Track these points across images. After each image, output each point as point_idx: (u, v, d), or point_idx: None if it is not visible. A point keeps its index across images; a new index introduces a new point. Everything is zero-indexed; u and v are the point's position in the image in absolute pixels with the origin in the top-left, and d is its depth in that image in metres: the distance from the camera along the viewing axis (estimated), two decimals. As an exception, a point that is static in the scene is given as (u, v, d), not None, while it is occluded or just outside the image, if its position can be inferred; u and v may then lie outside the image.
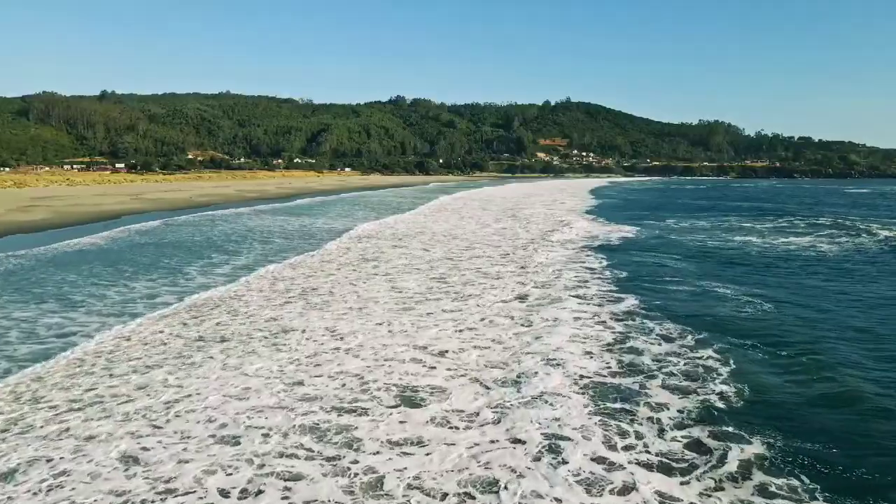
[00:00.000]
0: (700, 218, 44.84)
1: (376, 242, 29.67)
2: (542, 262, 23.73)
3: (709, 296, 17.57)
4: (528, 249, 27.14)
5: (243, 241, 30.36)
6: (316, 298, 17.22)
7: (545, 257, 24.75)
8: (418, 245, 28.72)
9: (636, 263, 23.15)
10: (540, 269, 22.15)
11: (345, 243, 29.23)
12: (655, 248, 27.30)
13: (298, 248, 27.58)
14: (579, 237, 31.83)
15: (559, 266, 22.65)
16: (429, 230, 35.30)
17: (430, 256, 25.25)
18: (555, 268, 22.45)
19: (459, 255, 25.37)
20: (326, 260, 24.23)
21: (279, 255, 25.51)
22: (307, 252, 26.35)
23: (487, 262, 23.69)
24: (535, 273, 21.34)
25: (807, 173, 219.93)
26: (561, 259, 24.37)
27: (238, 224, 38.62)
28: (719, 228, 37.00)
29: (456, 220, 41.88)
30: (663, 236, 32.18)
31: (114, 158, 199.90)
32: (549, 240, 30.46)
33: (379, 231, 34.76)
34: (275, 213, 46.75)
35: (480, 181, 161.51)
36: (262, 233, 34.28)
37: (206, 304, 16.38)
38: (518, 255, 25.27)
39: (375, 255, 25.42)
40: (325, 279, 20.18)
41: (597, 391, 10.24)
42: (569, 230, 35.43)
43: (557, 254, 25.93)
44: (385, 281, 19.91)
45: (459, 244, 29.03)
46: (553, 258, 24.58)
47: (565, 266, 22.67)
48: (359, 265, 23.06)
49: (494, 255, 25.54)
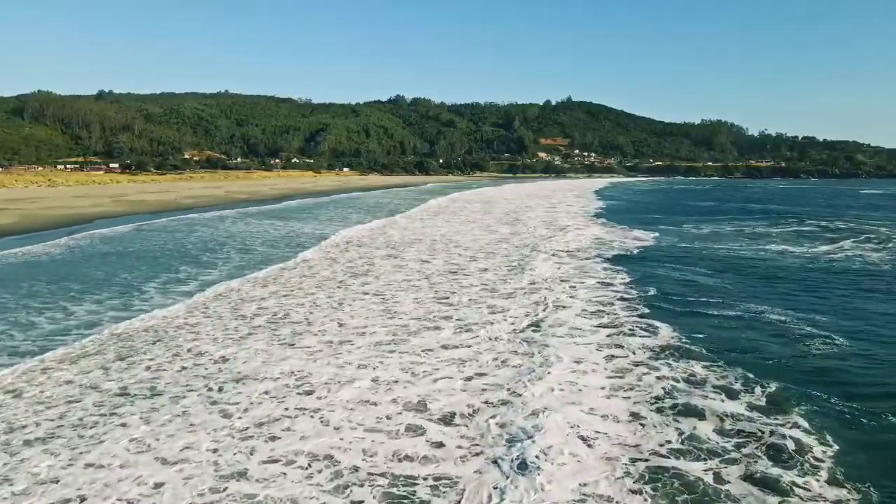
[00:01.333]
0: (718, 222, 41.81)
1: (367, 251, 26.65)
2: (553, 276, 20.75)
3: (761, 324, 14.56)
4: (537, 260, 24.14)
5: (220, 250, 27.36)
6: (286, 328, 14.20)
7: (557, 270, 21.75)
8: (414, 255, 25.70)
9: (662, 279, 20.15)
10: (552, 284, 19.16)
11: (331, 253, 26.20)
12: (680, 260, 24.28)
13: (280, 258, 24.57)
14: (592, 245, 28.83)
15: (574, 282, 19.66)
16: (427, 237, 32.29)
17: (428, 269, 22.24)
18: (569, 283, 19.48)
19: (462, 268, 22.35)
20: (308, 274, 21.20)
21: (258, 267, 22.50)
22: (288, 263, 23.35)
23: (493, 276, 20.69)
24: (547, 290, 18.37)
25: (813, 173, 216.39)
26: (574, 272, 21.40)
27: (219, 229, 35.61)
28: (743, 235, 33.97)
29: (457, 225, 38.87)
30: (685, 244, 29.17)
31: (108, 158, 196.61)
32: (560, 248, 27.44)
33: (372, 238, 31.76)
34: (262, 217, 43.75)
35: (482, 181, 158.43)
36: (244, 239, 31.28)
37: (144, 336, 13.37)
38: (527, 267, 22.26)
39: (365, 269, 22.40)
40: (303, 300, 17.18)
41: (659, 488, 7.23)
42: (580, 236, 32.44)
43: (570, 266, 22.96)
44: (375, 302, 16.92)
45: (461, 254, 26.01)
46: (566, 271, 21.59)
47: (581, 282, 19.68)
48: (345, 281, 20.05)
49: (501, 267, 22.53)
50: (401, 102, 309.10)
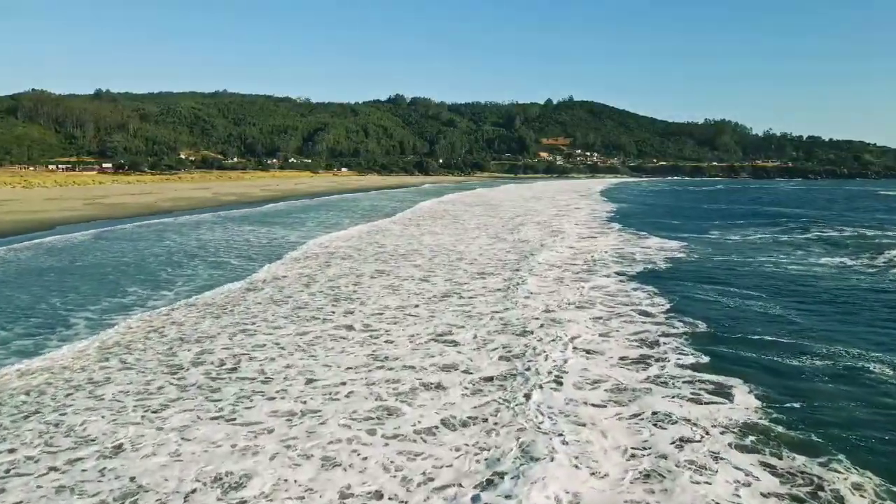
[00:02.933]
0: (744, 228, 38.06)
1: (354, 267, 22.95)
2: (574, 300, 17.09)
3: (866, 377, 10.90)
4: (549, 277, 20.45)
5: (186, 264, 23.68)
6: (230, 388, 10.56)
7: (578, 293, 18.06)
8: (410, 271, 21.99)
9: (709, 306, 16.48)
10: (575, 315, 15.51)
11: (311, 268, 22.48)
12: (720, 278, 20.58)
13: (249, 275, 20.85)
14: (611, 257, 25.16)
15: (600, 309, 16.01)
16: (425, 247, 28.59)
17: (427, 291, 18.58)
18: (595, 311, 15.85)
19: (466, 290, 18.66)
20: (279, 298, 17.50)
21: (225, 286, 18.82)
22: (257, 280, 19.64)
23: (502, 300, 16.99)
24: (570, 321, 14.70)
25: (821, 174, 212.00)
26: (598, 296, 17.76)
27: (192, 237, 31.92)
28: (780, 244, 30.26)
29: (459, 231, 35.16)
30: (719, 257, 25.45)
31: (102, 158, 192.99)
32: (575, 262, 23.75)
33: (361, 247, 28.06)
34: (245, 222, 40.05)
35: (482, 181, 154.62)
36: (218, 250, 27.61)
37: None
38: (544, 288, 18.57)
39: (350, 290, 18.72)
40: (265, 338, 13.53)
41: None
42: (595, 246, 28.78)
43: (592, 284, 19.32)
44: (359, 342, 13.31)
45: (465, 270, 22.31)
46: (588, 295, 17.92)
47: (610, 309, 16.06)
48: (324, 308, 16.40)
49: (511, 287, 18.83)
50: (400, 102, 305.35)
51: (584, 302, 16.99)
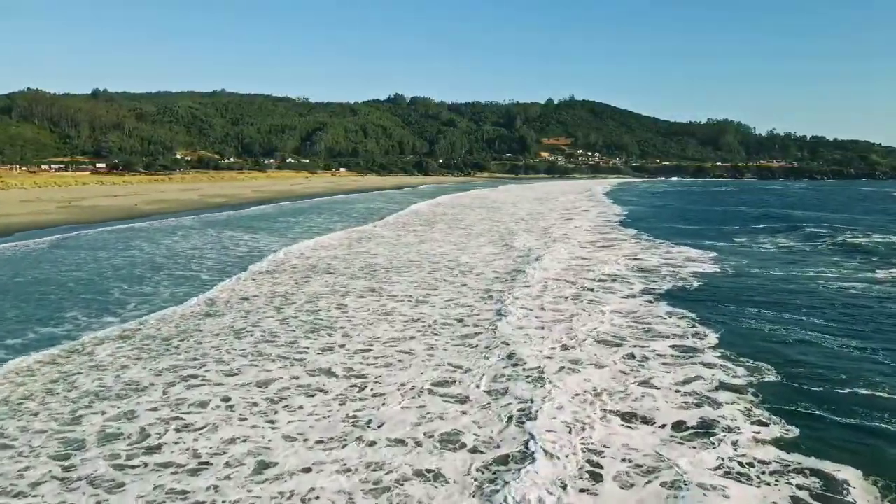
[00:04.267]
0: (773, 234, 34.88)
1: (338, 283, 19.84)
2: (597, 331, 14.04)
3: None
4: (562, 296, 17.36)
5: (149, 279, 20.61)
6: (128, 499, 7.42)
7: (600, 321, 14.98)
8: (406, 288, 18.89)
9: (764, 338, 13.48)
10: (601, 353, 12.48)
11: (287, 284, 19.36)
12: (766, 298, 17.45)
13: (216, 292, 17.75)
14: (632, 271, 22.08)
15: (632, 344, 12.95)
16: (424, 257, 25.48)
17: (425, 315, 15.48)
18: (626, 348, 12.78)
19: (469, 313, 15.56)
20: (241, 328, 14.40)
21: (185, 304, 15.74)
22: (219, 302, 16.53)
23: (513, 329, 13.90)
24: (595, 365, 11.67)
25: (827, 174, 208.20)
26: (625, 323, 14.77)
27: (164, 244, 28.85)
28: (817, 253, 27.15)
29: (460, 238, 32.07)
30: (757, 269, 22.33)
31: (97, 158, 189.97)
32: (590, 276, 20.65)
33: (350, 255, 24.95)
34: (227, 226, 36.93)
35: (484, 182, 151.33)
36: (190, 260, 24.55)
37: None
38: (558, 314, 15.47)
39: (333, 318, 15.64)
40: (212, 392, 10.43)
41: None
42: (611, 256, 25.69)
43: (614, 307, 16.30)
44: (337, 397, 10.26)
45: (467, 286, 19.21)
46: (613, 322, 14.91)
47: (643, 345, 12.98)
48: (297, 343, 13.32)
49: (521, 310, 15.72)
50: (400, 101, 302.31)
51: (609, 334, 13.90)
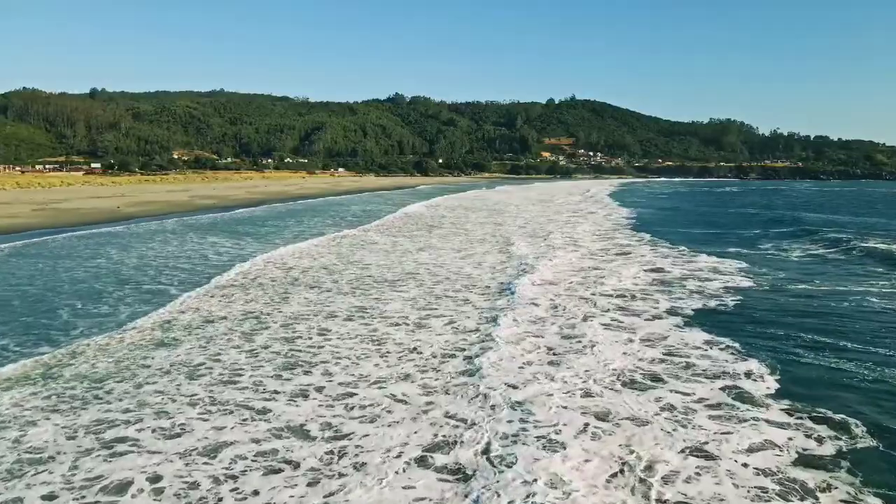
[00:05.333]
0: (799, 239, 32.33)
1: (322, 301, 17.34)
2: (624, 370, 11.61)
3: None
4: (578, 316, 14.86)
5: (110, 294, 18.16)
6: None
7: (623, 353, 12.57)
8: (398, 307, 16.38)
9: (835, 378, 11.01)
10: (636, 399, 10.00)
11: (261, 302, 16.85)
12: (820, 321, 14.94)
13: (177, 311, 15.25)
14: (654, 285, 19.61)
15: (670, 387, 10.48)
16: (423, 265, 22.98)
17: (422, 346, 12.97)
18: (663, 391, 10.36)
19: (471, 336, 13.06)
20: (197, 364, 11.92)
21: (135, 328, 13.25)
22: (179, 326, 14.04)
23: (523, 365, 11.42)
24: (634, 417, 9.16)
25: (832, 174, 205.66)
26: (658, 355, 12.34)
27: (137, 251, 26.35)
28: (854, 263, 24.65)
29: (462, 244, 29.58)
30: (796, 284, 19.81)
31: (93, 158, 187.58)
32: (608, 288, 18.15)
33: (339, 265, 22.43)
34: (211, 231, 34.44)
35: (482, 182, 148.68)
36: (162, 270, 22.07)
37: None
38: (571, 346, 12.98)
39: (310, 347, 13.14)
40: (142, 465, 7.95)
41: None
42: (627, 266, 23.22)
43: (643, 334, 13.86)
44: (308, 473, 7.84)
45: (472, 304, 16.71)
46: (643, 354, 12.46)
47: (686, 389, 10.51)
48: (262, 387, 10.82)
49: (529, 338, 13.24)
50: (399, 101, 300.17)
51: (638, 370, 11.43)
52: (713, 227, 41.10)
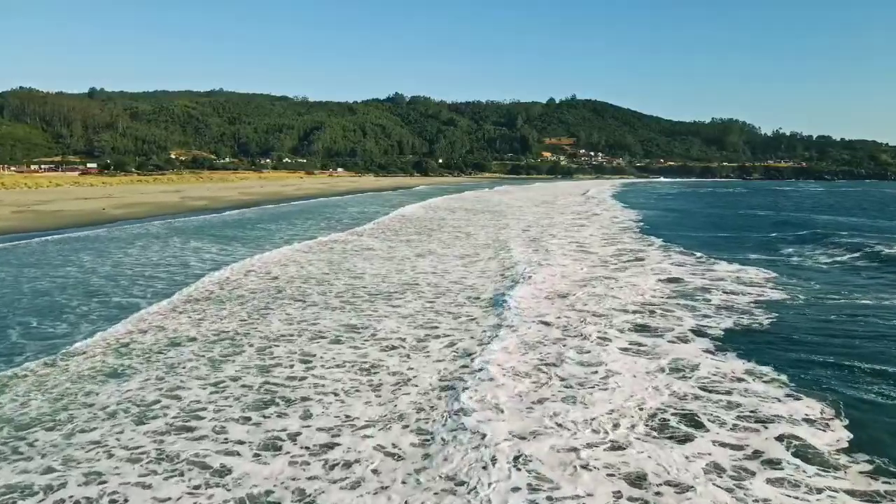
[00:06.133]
0: (818, 243, 30.42)
1: (307, 318, 15.49)
2: (656, 408, 9.75)
3: None
4: (591, 338, 13.04)
5: (72, 309, 16.34)
6: None
7: (649, 383, 10.69)
8: (393, 326, 14.53)
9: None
10: (669, 456, 8.14)
11: (237, 319, 14.97)
12: (881, 349, 13.01)
13: (140, 330, 13.41)
14: (674, 298, 17.76)
15: (711, 436, 8.64)
16: (421, 273, 21.12)
17: (418, 375, 11.14)
18: (705, 448, 8.53)
19: (476, 363, 11.22)
20: (150, 402, 10.07)
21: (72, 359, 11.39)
22: (137, 350, 12.19)
23: (535, 401, 9.58)
24: (668, 481, 7.28)
25: (837, 174, 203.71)
26: (689, 391, 10.60)
27: (114, 257, 24.51)
28: (888, 270, 22.79)
29: (468, 250, 27.74)
30: (835, 297, 17.92)
31: (89, 158, 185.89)
32: (619, 307, 16.30)
33: (329, 273, 20.57)
34: (197, 234, 32.60)
35: (483, 182, 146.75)
36: (136, 279, 20.25)
37: None
38: (588, 363, 11.14)
39: (290, 378, 11.30)
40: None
41: None
42: (640, 275, 21.37)
43: (667, 360, 12.06)
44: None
45: (476, 322, 14.87)
46: (672, 388, 10.64)
47: (735, 442, 8.68)
48: (222, 436, 8.99)
49: (528, 359, 11.40)
50: (399, 101, 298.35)
51: (670, 409, 9.59)
52: (725, 230, 39.23)
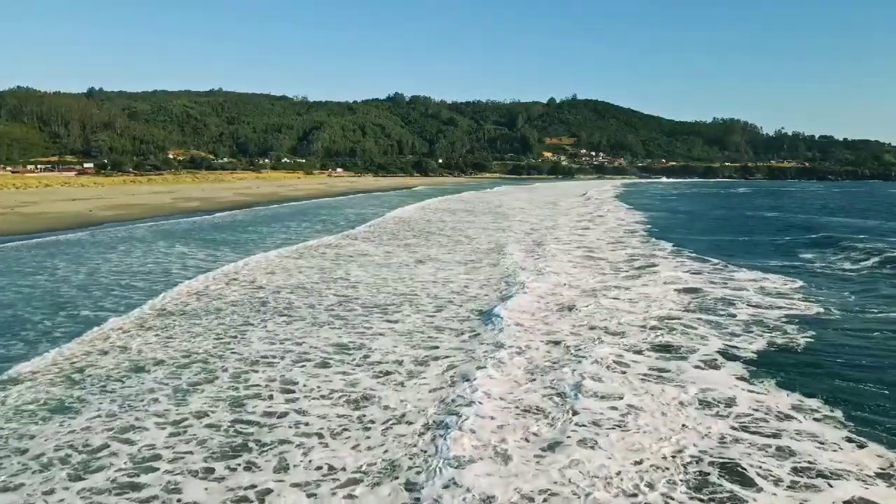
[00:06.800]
0: (836, 247, 28.85)
1: (293, 339, 13.94)
2: (686, 448, 8.19)
3: None
4: (603, 364, 11.49)
5: (38, 322, 14.91)
6: None
7: (673, 420, 9.18)
8: (386, 358, 12.99)
9: None
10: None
11: (211, 337, 13.41)
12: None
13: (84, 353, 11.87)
14: (693, 311, 16.24)
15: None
16: (419, 283, 19.56)
17: (406, 420, 9.59)
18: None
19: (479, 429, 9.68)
20: (59, 493, 8.47)
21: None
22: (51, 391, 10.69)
23: (547, 449, 8.04)
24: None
25: (841, 175, 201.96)
26: (725, 430, 9.12)
27: (90, 264, 22.96)
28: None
29: (470, 256, 26.18)
30: (874, 311, 16.33)
31: (86, 158, 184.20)
32: (633, 321, 14.75)
33: (317, 284, 19.01)
34: (185, 238, 31.03)
35: (483, 183, 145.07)
36: (109, 290, 18.75)
37: None
38: (603, 394, 9.58)
39: (265, 425, 9.74)
40: None
41: None
42: (651, 283, 19.84)
43: (694, 391, 10.62)
44: None
45: (477, 334, 13.31)
46: (701, 427, 9.09)
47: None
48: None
49: (536, 393, 9.85)
50: (399, 100, 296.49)
51: (710, 458, 8.06)
52: (735, 232, 37.65)
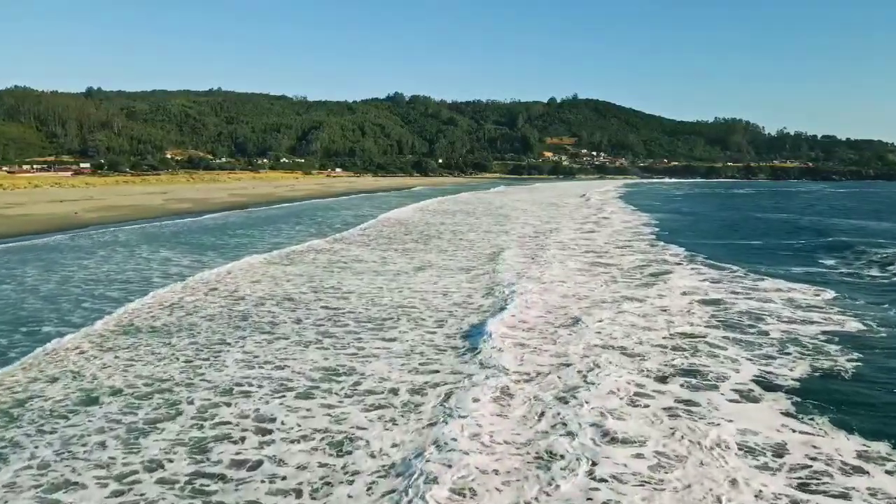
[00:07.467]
0: (860, 252, 27.25)
1: (275, 361, 12.43)
2: None
3: None
4: (614, 398, 9.96)
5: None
6: None
7: (718, 483, 7.56)
8: (371, 390, 11.47)
9: None
10: None
11: (180, 358, 11.89)
12: None
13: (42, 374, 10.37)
14: (717, 328, 14.78)
15: None
16: (419, 294, 18.02)
17: (401, 471, 8.05)
18: None
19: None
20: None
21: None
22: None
23: None
24: None
25: (845, 175, 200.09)
26: (774, 494, 7.49)
27: (65, 271, 21.46)
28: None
29: (472, 262, 24.65)
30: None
31: (84, 157, 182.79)
32: (656, 329, 13.23)
33: (305, 295, 17.44)
34: (171, 241, 29.52)
35: (486, 182, 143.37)
36: (84, 298, 17.29)
37: None
38: (623, 438, 8.04)
39: (234, 474, 8.20)
40: None
41: None
42: (669, 293, 18.31)
43: (731, 431, 9.22)
44: None
45: (478, 352, 11.77)
46: (746, 479, 7.52)
47: None
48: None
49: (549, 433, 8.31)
50: (399, 100, 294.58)
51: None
52: (745, 236, 36.10)
